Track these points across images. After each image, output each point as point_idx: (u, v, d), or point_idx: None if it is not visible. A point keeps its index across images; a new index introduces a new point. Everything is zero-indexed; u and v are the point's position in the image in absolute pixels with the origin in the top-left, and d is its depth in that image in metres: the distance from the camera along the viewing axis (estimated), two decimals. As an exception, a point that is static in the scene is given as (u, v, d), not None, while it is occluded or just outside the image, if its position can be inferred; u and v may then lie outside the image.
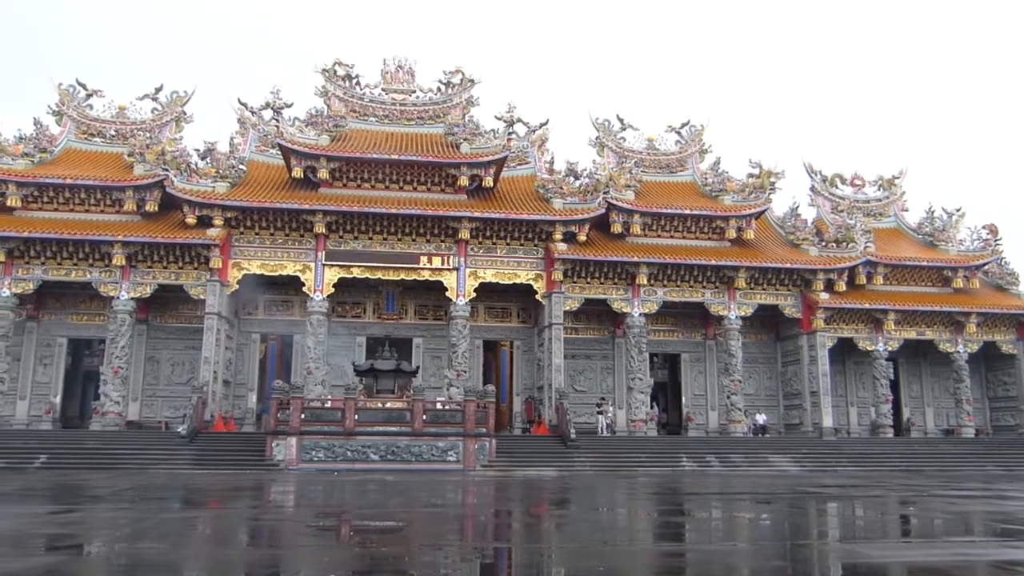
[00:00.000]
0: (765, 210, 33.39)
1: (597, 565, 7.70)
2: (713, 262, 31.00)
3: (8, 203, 28.61)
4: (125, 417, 28.77)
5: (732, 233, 32.33)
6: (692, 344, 34.66)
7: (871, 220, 36.22)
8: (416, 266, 30.02)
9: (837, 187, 37.93)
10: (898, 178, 38.46)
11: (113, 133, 32.89)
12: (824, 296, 31.85)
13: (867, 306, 32.41)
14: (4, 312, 28.06)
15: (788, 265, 31.66)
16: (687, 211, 32.15)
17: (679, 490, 17.75)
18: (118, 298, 28.49)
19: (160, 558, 7.90)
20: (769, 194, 32.92)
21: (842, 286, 32.25)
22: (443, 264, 30.09)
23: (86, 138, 32.72)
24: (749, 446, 28.54)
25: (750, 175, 34.05)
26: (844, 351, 34.37)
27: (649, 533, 10.89)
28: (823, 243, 33.09)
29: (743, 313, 31.92)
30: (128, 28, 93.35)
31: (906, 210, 38.11)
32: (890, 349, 33.15)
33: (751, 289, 32.07)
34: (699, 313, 33.59)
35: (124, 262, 28.27)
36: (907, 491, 17.25)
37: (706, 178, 35.25)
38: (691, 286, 31.74)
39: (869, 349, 33.06)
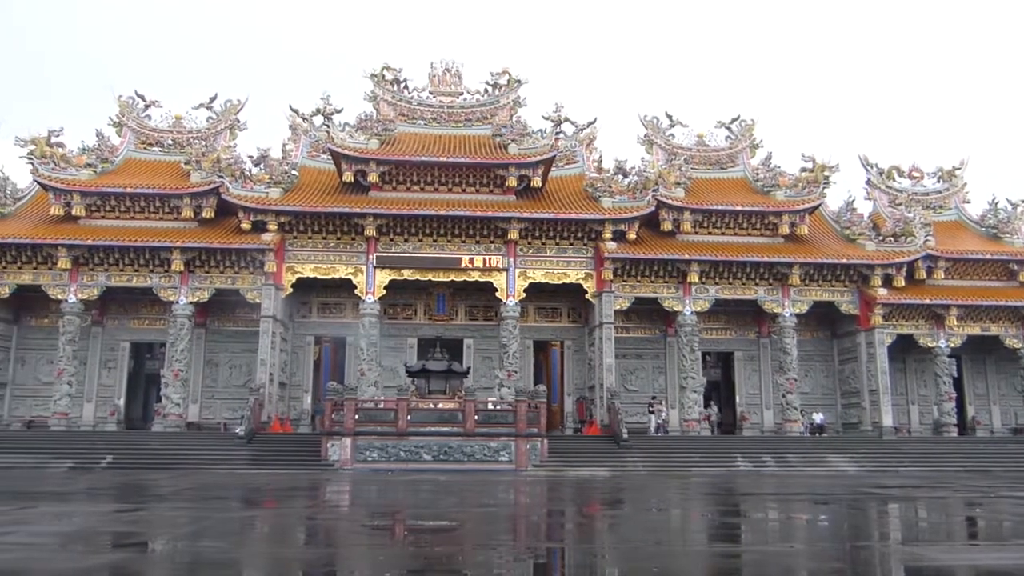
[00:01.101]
0: (819, 205, 32.71)
1: (651, 566, 7.64)
2: (766, 259, 30.48)
3: (73, 212, 29.62)
4: (185, 418, 29.53)
5: (785, 229, 31.75)
6: (745, 342, 34.12)
7: (930, 213, 35.13)
8: (466, 267, 30.16)
9: (894, 180, 36.91)
10: (959, 169, 37.27)
11: (170, 142, 33.82)
12: (882, 292, 31.06)
13: (928, 301, 31.50)
14: (71, 318, 29.05)
15: (844, 260, 30.95)
16: (738, 207, 31.68)
17: (734, 490, 17.49)
18: (177, 303, 29.26)
19: (220, 556, 8.09)
20: (823, 188, 32.24)
21: (901, 281, 31.39)
22: (493, 265, 30.18)
23: (145, 148, 33.70)
24: (806, 446, 27.98)
25: (803, 169, 33.40)
26: (904, 348, 33.45)
27: (703, 534, 10.76)
28: (880, 237, 32.25)
29: (798, 310, 31.32)
30: (182, 39, 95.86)
31: (967, 202, 36.90)
32: (953, 345, 32.15)
33: (805, 286, 31.43)
34: (752, 311, 33.05)
35: (182, 268, 29.02)
36: (973, 492, 16.71)
37: (757, 173, 34.69)
38: (743, 283, 31.27)
39: (930, 346, 32.13)
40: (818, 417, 31.90)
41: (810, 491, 17.16)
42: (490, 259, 30.17)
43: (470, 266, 30.14)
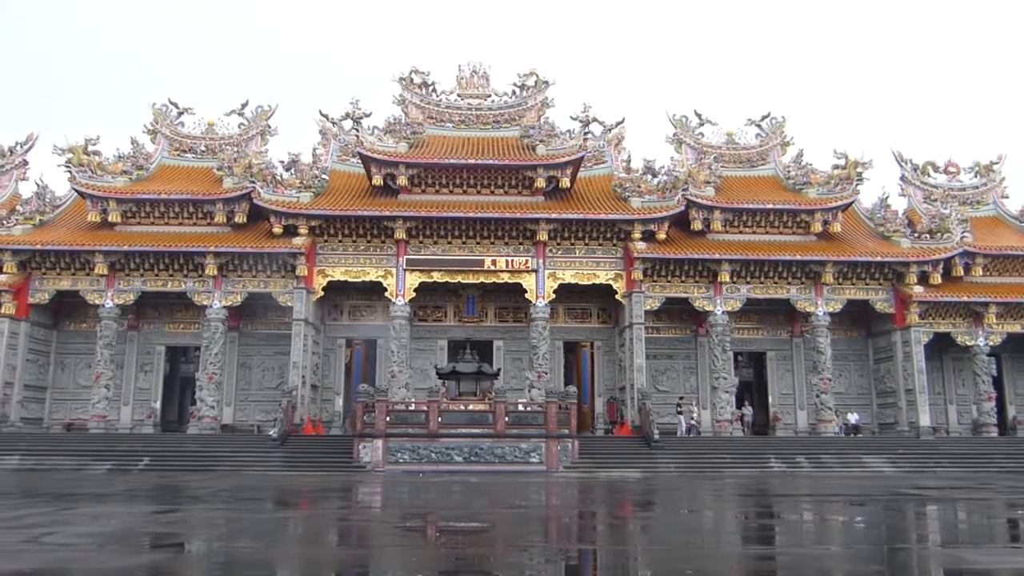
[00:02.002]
0: (852, 202, 32.25)
1: (684, 568, 7.59)
2: (798, 257, 30.13)
3: (110, 218, 30.17)
4: (220, 421, 29.93)
5: (818, 227, 31.35)
6: (778, 342, 33.73)
7: (967, 209, 34.48)
8: (495, 269, 30.20)
9: (929, 175, 36.27)
10: (996, 164, 36.51)
11: (203, 148, 34.31)
12: (918, 290, 30.54)
13: (965, 299, 30.92)
14: (108, 322, 29.60)
15: (879, 258, 30.49)
16: (769, 205, 31.36)
17: (767, 492, 17.30)
18: (211, 307, 29.67)
19: (255, 557, 8.18)
20: (856, 185, 31.78)
21: (937, 279, 30.84)
22: (522, 266, 30.19)
23: (178, 154, 34.22)
24: (841, 446, 27.59)
25: (835, 166, 32.96)
26: (941, 347, 32.87)
27: (737, 536, 10.66)
28: (916, 234, 31.70)
29: (831, 309, 30.90)
30: (213, 47, 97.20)
31: (1006, 197, 36.11)
32: (992, 344, 31.50)
33: (839, 284, 31.01)
34: (784, 310, 32.68)
35: (216, 272, 29.42)
36: (1015, 493, 16.36)
37: (789, 171, 34.29)
38: (775, 282, 30.93)
39: (968, 344, 31.52)
40: (853, 417, 31.44)
41: (845, 492, 16.92)
42: (519, 260, 30.19)
43: (499, 268, 30.18)
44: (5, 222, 29.75)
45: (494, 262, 30.15)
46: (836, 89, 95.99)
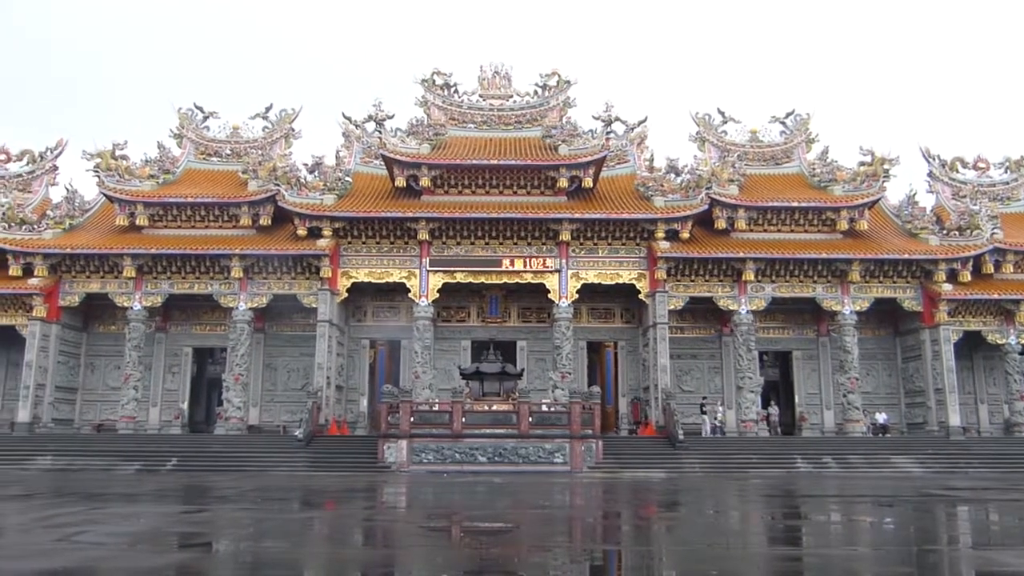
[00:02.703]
0: (879, 199, 31.87)
1: (710, 569, 7.54)
2: (824, 255, 29.83)
3: (137, 222, 30.58)
4: (246, 422, 30.21)
5: (844, 224, 31.02)
6: (804, 341, 33.41)
7: (997, 205, 33.90)
8: (518, 269, 30.21)
9: (958, 171, 35.73)
10: (1028, 159, 35.88)
11: (228, 152, 34.67)
12: (947, 287, 30.09)
13: (996, 296, 30.44)
14: (136, 324, 30.00)
15: (906, 256, 30.10)
16: (795, 203, 31.07)
17: (794, 492, 17.15)
18: (237, 308, 29.96)
19: (282, 556, 8.25)
20: (883, 182, 31.40)
21: (967, 276, 30.38)
22: (545, 266, 30.18)
23: (204, 158, 34.61)
24: (868, 447, 27.28)
25: (861, 163, 32.59)
26: (971, 345, 32.38)
27: (763, 536, 10.58)
28: (944, 231, 31.25)
29: (858, 308, 30.55)
30: (236, 50, 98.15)
31: (1038, 192, 35.50)
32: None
33: (866, 282, 30.65)
34: (810, 309, 32.37)
35: (241, 274, 29.71)
36: (1047, 494, 16.07)
37: (814, 168, 33.96)
38: (801, 281, 30.64)
39: (1000, 343, 31.02)
40: (881, 417, 31.05)
41: (874, 493, 16.72)
42: (542, 261, 30.18)
43: (522, 268, 30.18)
44: (36, 226, 30.26)
45: (517, 262, 30.15)
46: (862, 85, 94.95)
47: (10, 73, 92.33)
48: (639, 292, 30.51)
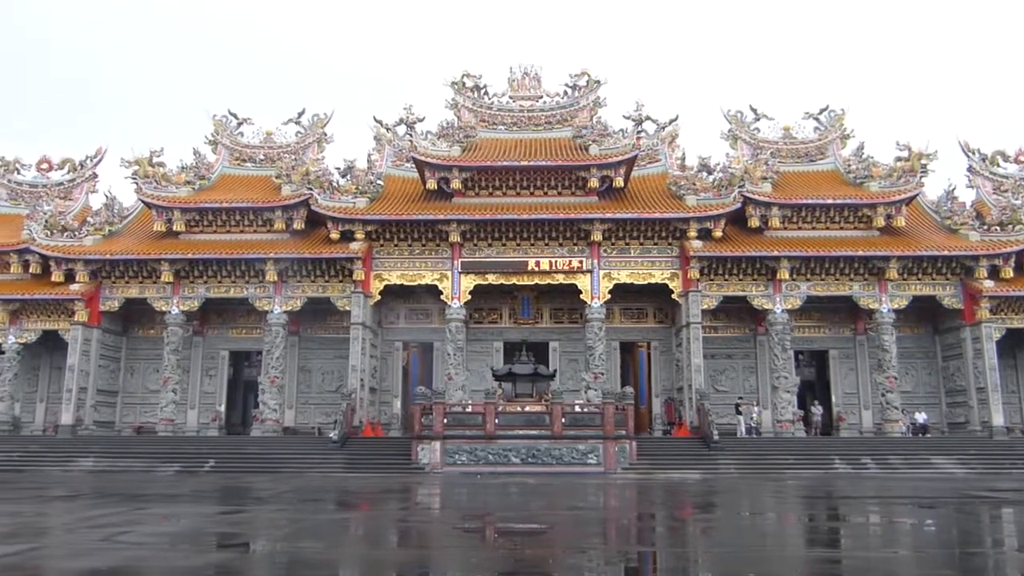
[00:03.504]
0: (916, 195, 31.28)
1: (747, 571, 7.47)
2: (860, 252, 29.36)
3: (174, 228, 31.10)
4: (282, 424, 30.56)
5: (880, 221, 30.51)
6: (840, 340, 32.90)
7: (1041, 198, 33.10)
8: (549, 270, 30.18)
9: (999, 165, 34.89)
10: (1071, 151, 34.98)
11: (262, 157, 35.13)
12: (988, 284, 29.43)
13: (1040, 293, 29.70)
14: (174, 328, 30.52)
15: (945, 252, 29.51)
16: (830, 200, 30.63)
17: (832, 494, 16.91)
18: (272, 312, 30.32)
19: (318, 557, 8.33)
20: (920, 177, 30.82)
21: (1009, 272, 29.69)
22: (577, 267, 30.12)
23: (238, 164, 35.10)
24: (908, 447, 26.78)
25: (898, 158, 32.02)
26: (1015, 343, 31.63)
27: (801, 539, 10.45)
28: (985, 227, 30.57)
29: (896, 306, 30.03)
30: (267, 56, 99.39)
31: (1083, 186, 34.55)
32: (1069, 339, 30.25)
33: (904, 280, 30.11)
34: (847, 307, 31.89)
35: (276, 278, 30.06)
36: (1096, 495, 15.65)
37: (849, 164, 33.46)
38: (837, 279, 30.21)
39: (1044, 340, 30.28)
40: (921, 417, 30.47)
41: (914, 495, 16.43)
42: (574, 261, 30.12)
43: (554, 269, 30.15)
44: (77, 233, 30.92)
45: (549, 263, 30.13)
46: (897, 79, 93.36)
47: (46, 79, 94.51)
48: (672, 292, 30.31)
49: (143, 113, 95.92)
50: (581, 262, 30.08)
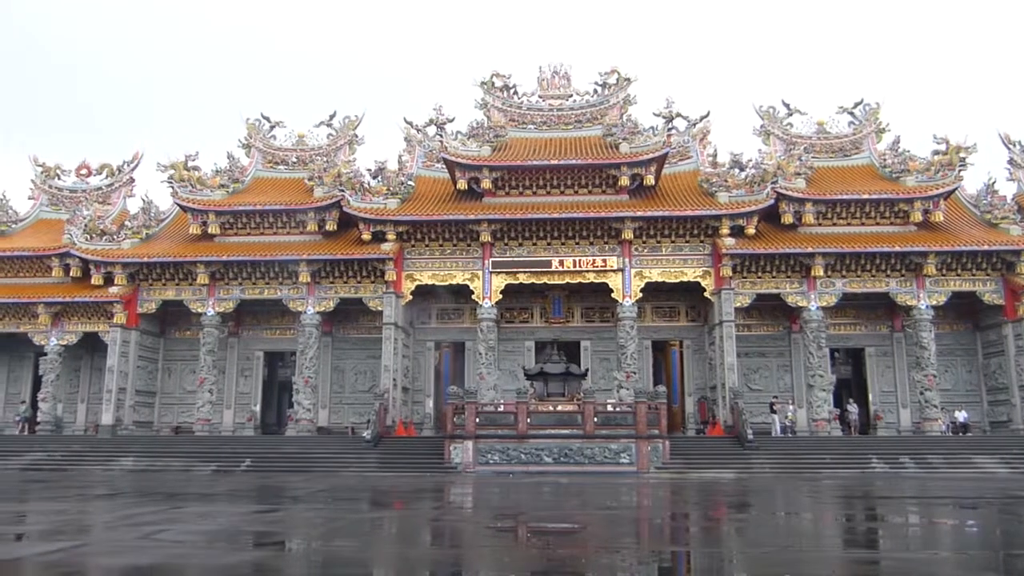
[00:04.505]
0: (955, 189, 30.70)
1: (783, 572, 7.37)
2: (898, 248, 28.89)
3: (209, 230, 31.57)
4: (316, 423, 30.87)
5: (918, 216, 29.99)
6: (877, 337, 32.40)
7: (1085, 192, 32.27)
8: (580, 269, 30.12)
9: (1041, 157, 34.09)
10: (1117, 142, 34.03)
11: (294, 160, 35.52)
12: (1031, 279, 28.77)
13: (1084, 288, 28.94)
14: (210, 329, 30.98)
15: (986, 247, 28.92)
16: (865, 196, 30.18)
17: (870, 493, 16.64)
18: (305, 313, 30.64)
19: (353, 555, 8.39)
20: (959, 171, 30.24)
21: (1053, 266, 29.00)
22: (608, 266, 30.02)
23: (271, 166, 35.54)
24: (948, 446, 26.29)
25: (935, 152, 31.44)
26: (1058, 339, 30.86)
27: (838, 539, 10.29)
28: (1027, 220, 29.89)
29: (934, 302, 29.48)
30: (298, 59, 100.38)
31: None
32: (1116, 335, 29.41)
33: (943, 275, 29.56)
34: (884, 304, 31.39)
35: (309, 279, 30.37)
36: None
37: (884, 159, 32.92)
38: (873, 275, 29.74)
39: (1090, 336, 29.49)
40: (961, 415, 29.88)
41: (955, 495, 16.10)
42: (605, 260, 30.02)
43: (585, 268, 30.09)
44: (115, 237, 31.53)
45: (580, 262, 30.07)
46: (934, 71, 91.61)
47: (83, 84, 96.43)
48: (704, 290, 30.09)
49: (176, 118, 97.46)
50: (612, 261, 29.98)
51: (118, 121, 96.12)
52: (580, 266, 30.12)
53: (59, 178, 36.40)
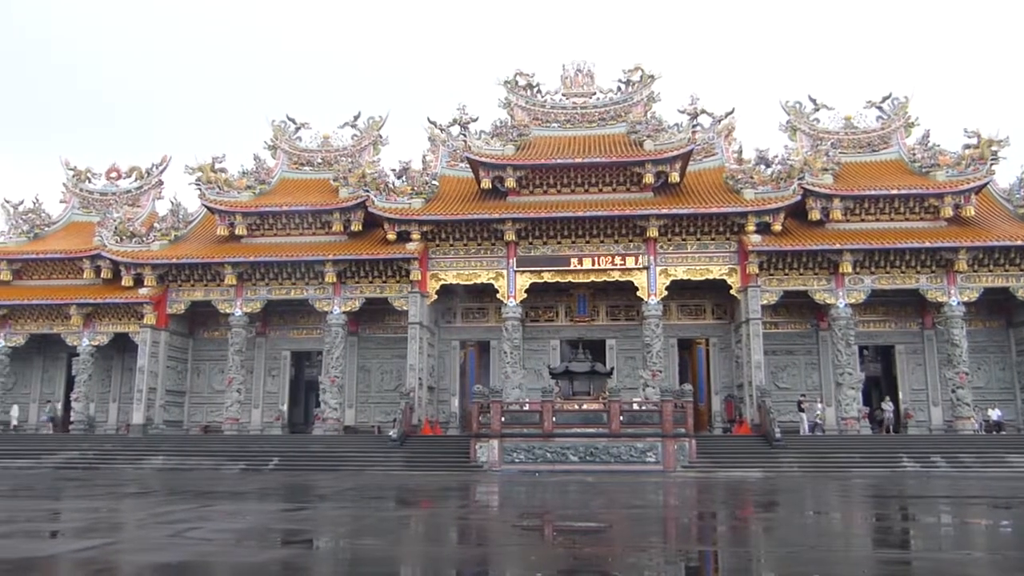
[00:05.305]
0: (986, 183, 30.17)
1: (811, 572, 7.30)
2: (927, 244, 28.45)
3: (236, 232, 31.89)
4: (342, 422, 31.07)
5: (948, 211, 29.51)
6: (907, 334, 31.94)
7: (1121, 185, 31.56)
8: (605, 267, 30.02)
9: (1075, 151, 33.47)
10: None
11: (319, 161, 35.78)
12: (1066, 275, 28.21)
13: (1121, 283, 28.32)
14: (238, 330, 31.31)
15: (1019, 242, 28.37)
16: (894, 191, 29.76)
17: (901, 493, 16.43)
18: (331, 312, 30.86)
19: (380, 554, 8.44)
20: (991, 165, 29.71)
21: (1089, 262, 28.40)
22: (633, 264, 29.90)
23: (297, 167, 35.82)
24: (981, 445, 25.85)
25: (966, 146, 30.92)
26: (1095, 336, 30.26)
27: (868, 539, 10.17)
28: (1061, 215, 29.32)
29: (966, 298, 29.01)
30: (320, 60, 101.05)
31: None
32: None
33: (974, 271, 29.07)
34: (913, 301, 30.94)
35: (335, 279, 30.58)
36: None
37: (914, 153, 32.44)
38: (903, 272, 29.32)
39: None
40: (995, 413, 29.37)
41: (989, 494, 15.85)
42: (630, 258, 29.90)
43: (609, 266, 29.98)
44: (145, 239, 31.96)
45: (604, 260, 29.97)
46: (964, 64, 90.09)
47: (114, 87, 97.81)
48: (730, 287, 29.86)
49: (201, 121, 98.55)
50: (637, 258, 29.85)
51: (143, 123, 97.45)
52: (605, 264, 30.02)
53: (90, 181, 36.95)
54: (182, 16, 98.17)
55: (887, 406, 30.48)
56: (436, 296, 30.91)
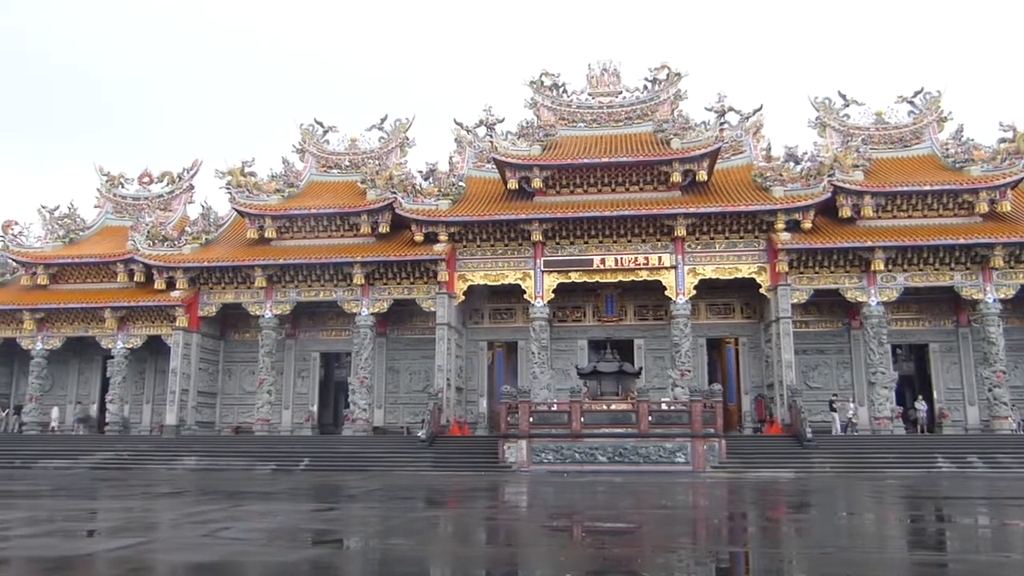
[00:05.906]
0: (1023, 178, 29.57)
1: (845, 573, 7.21)
2: (962, 240, 27.94)
3: (266, 234, 32.25)
4: (371, 423, 31.26)
5: (983, 207, 28.97)
6: (941, 333, 31.40)
7: None
8: (633, 267, 29.89)
9: (1115, 143, 32.63)
10: None
11: (347, 163, 36.05)
12: (1106, 271, 27.55)
13: None
14: (268, 331, 31.65)
15: (1057, 238, 27.76)
16: (927, 187, 29.28)
17: (936, 494, 16.15)
18: (360, 314, 31.07)
19: (409, 554, 8.48)
20: (1028, 159, 29.10)
21: None
22: (660, 263, 29.73)
23: (325, 170, 36.12)
24: (1019, 445, 25.34)
25: (1002, 140, 30.34)
26: None
27: (902, 540, 10.02)
28: (1100, 209, 28.64)
29: (1003, 296, 28.44)
30: (346, 63, 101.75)
31: None
32: None
33: (1011, 268, 28.49)
34: (947, 298, 30.41)
35: (363, 281, 30.78)
36: None
37: (947, 149, 31.89)
38: (936, 269, 28.83)
39: None
40: (1033, 413, 28.77)
41: (1027, 495, 15.51)
42: (657, 257, 29.74)
43: (637, 265, 29.84)
44: (176, 242, 32.42)
45: (632, 260, 29.84)
46: (997, 56, 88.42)
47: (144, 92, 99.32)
48: (759, 286, 29.57)
49: (230, 125, 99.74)
50: (665, 258, 29.68)
51: (173, 128, 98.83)
52: (632, 264, 29.88)
53: (123, 186, 37.57)
54: (206, 23, 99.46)
55: (921, 405, 29.99)
56: (463, 297, 30.98)
